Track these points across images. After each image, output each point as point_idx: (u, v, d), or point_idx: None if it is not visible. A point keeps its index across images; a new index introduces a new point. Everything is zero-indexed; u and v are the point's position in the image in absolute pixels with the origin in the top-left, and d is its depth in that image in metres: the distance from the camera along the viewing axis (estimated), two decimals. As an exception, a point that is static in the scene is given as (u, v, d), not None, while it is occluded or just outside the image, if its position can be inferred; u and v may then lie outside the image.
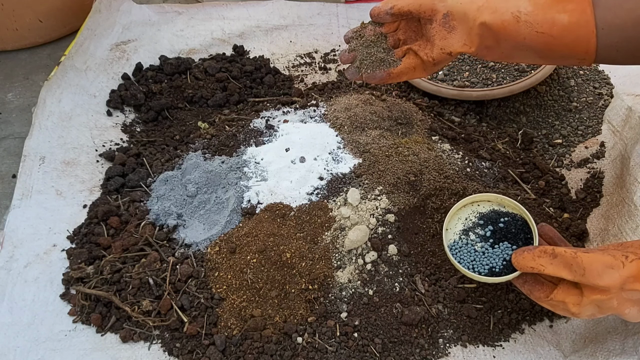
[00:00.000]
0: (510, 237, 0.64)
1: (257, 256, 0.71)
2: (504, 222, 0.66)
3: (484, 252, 0.64)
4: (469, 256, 0.64)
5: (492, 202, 0.69)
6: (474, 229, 0.67)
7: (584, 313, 0.56)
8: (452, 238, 0.66)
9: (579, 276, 0.53)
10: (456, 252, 0.65)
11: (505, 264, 0.62)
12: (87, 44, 1.07)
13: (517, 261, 0.59)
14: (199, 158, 0.86)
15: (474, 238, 0.66)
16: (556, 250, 0.56)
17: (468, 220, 0.67)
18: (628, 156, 0.79)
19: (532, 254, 0.57)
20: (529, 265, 0.57)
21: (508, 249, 0.63)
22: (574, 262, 0.54)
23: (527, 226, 0.65)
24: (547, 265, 0.56)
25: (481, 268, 0.63)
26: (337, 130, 0.86)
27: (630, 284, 0.52)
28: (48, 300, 0.74)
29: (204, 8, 1.21)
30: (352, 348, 0.67)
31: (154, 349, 0.69)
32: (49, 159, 0.89)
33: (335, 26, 1.18)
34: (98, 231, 0.80)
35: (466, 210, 0.69)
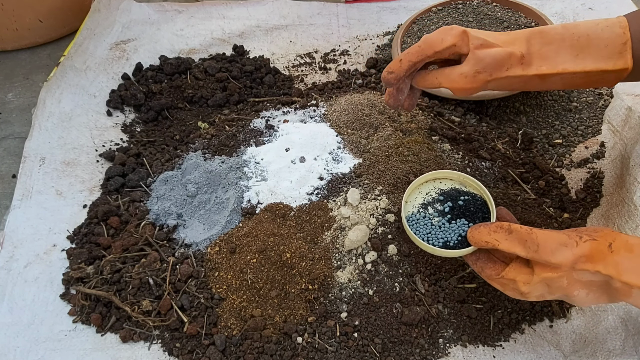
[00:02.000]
0: (468, 214, 0.65)
1: (257, 256, 0.71)
2: (463, 200, 0.67)
3: (441, 226, 0.65)
4: (425, 228, 0.65)
5: (454, 180, 0.70)
6: (433, 203, 0.67)
7: (534, 292, 0.56)
8: (411, 210, 0.67)
9: (532, 252, 0.54)
10: (413, 223, 0.66)
11: (460, 239, 0.63)
12: (86, 44, 1.07)
13: (473, 235, 0.59)
14: (199, 158, 0.86)
15: (432, 212, 0.67)
16: (512, 227, 0.56)
17: (428, 195, 0.69)
18: (628, 156, 0.79)
19: (488, 228, 0.58)
20: (484, 240, 0.58)
21: (465, 226, 0.64)
22: (528, 238, 0.54)
23: (486, 207, 0.66)
24: (502, 240, 0.56)
25: (436, 241, 0.64)
26: (337, 130, 0.86)
27: (581, 263, 0.52)
28: (48, 300, 0.74)
29: (204, 7, 1.21)
30: (352, 348, 0.67)
31: (154, 349, 0.69)
32: (49, 160, 0.89)
33: (335, 26, 1.18)
34: (98, 231, 0.80)
35: (428, 185, 0.70)
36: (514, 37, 0.64)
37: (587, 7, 1.13)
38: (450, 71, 0.64)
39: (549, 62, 0.62)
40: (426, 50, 0.64)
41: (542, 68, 0.62)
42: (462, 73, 0.63)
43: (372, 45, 1.15)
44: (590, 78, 0.62)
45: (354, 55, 1.13)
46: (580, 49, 0.61)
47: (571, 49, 0.61)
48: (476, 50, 0.62)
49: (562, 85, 0.64)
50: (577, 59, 0.61)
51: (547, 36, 0.62)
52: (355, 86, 1.03)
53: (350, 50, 1.13)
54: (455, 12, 1.08)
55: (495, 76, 0.62)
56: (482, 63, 0.62)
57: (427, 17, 1.10)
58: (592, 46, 0.61)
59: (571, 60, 0.61)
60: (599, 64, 0.61)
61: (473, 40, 0.62)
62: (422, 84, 0.67)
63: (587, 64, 0.61)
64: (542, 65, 0.62)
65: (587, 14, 1.12)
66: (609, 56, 0.60)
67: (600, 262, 0.52)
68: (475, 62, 0.62)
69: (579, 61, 0.61)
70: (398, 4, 1.22)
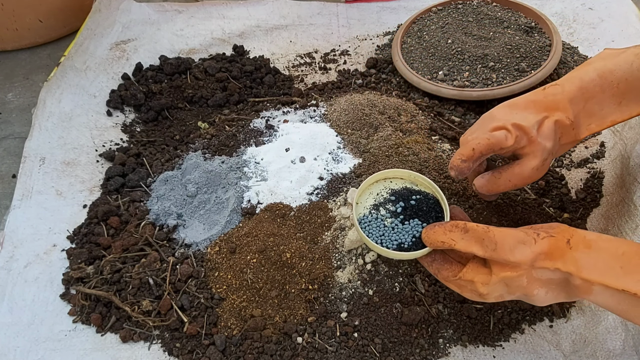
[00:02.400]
0: (421, 214, 0.64)
1: (257, 256, 0.71)
2: (415, 199, 0.66)
3: (394, 227, 0.63)
4: (377, 230, 0.63)
5: (404, 179, 0.69)
6: (385, 204, 0.66)
7: (493, 294, 0.55)
8: (362, 212, 0.65)
9: (490, 251, 0.53)
10: (365, 225, 0.64)
11: (414, 240, 0.61)
12: (86, 44, 1.07)
13: (428, 235, 0.57)
14: (199, 158, 0.86)
15: (384, 213, 0.65)
16: (468, 225, 0.55)
17: (379, 196, 0.67)
18: (628, 156, 0.79)
19: (444, 228, 0.56)
20: (440, 240, 0.56)
21: (418, 226, 0.62)
22: (485, 236, 0.53)
23: (438, 205, 0.65)
24: (458, 239, 0.54)
25: (389, 243, 0.62)
26: (337, 130, 0.86)
27: (541, 261, 0.52)
28: (48, 300, 0.74)
29: (203, 7, 1.21)
30: (352, 348, 0.67)
31: (154, 349, 0.69)
32: (49, 160, 0.89)
33: (335, 26, 1.18)
34: (98, 231, 0.80)
35: (378, 185, 0.68)
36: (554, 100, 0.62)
37: (587, 7, 1.13)
38: (520, 169, 0.63)
39: (595, 119, 0.62)
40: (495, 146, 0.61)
41: (591, 127, 0.62)
42: (534, 167, 0.62)
43: (372, 45, 1.15)
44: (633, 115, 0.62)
45: (354, 55, 1.13)
46: (622, 96, 0.61)
47: (613, 98, 0.61)
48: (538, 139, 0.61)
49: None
50: (622, 107, 0.61)
51: (588, 92, 0.62)
52: (355, 86, 1.03)
53: (350, 50, 1.14)
54: (455, 12, 1.08)
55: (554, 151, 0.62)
56: (547, 151, 0.61)
57: (427, 17, 1.10)
58: (633, 90, 0.60)
59: (616, 110, 0.61)
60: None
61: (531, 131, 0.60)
62: (495, 189, 0.66)
63: (632, 109, 0.61)
64: (591, 124, 0.62)
65: (587, 14, 1.12)
66: None
67: (559, 259, 0.51)
68: (541, 153, 0.61)
69: (624, 108, 0.61)
70: (398, 4, 1.22)
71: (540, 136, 0.61)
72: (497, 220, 0.75)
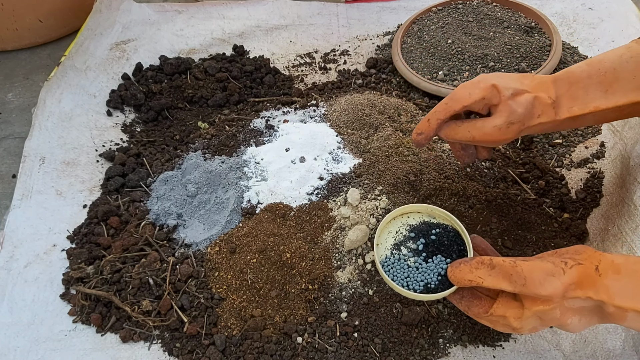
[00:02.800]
0: (443, 249, 0.62)
1: (257, 256, 0.71)
2: (435, 233, 0.64)
3: (418, 267, 0.61)
4: (402, 272, 0.61)
5: (422, 213, 0.66)
6: (405, 242, 0.64)
7: (526, 327, 0.54)
8: (384, 254, 0.63)
9: (519, 286, 0.51)
10: (389, 268, 0.62)
11: (440, 278, 0.59)
12: (87, 44, 1.07)
13: (454, 274, 0.56)
14: (199, 158, 0.86)
15: (406, 252, 0.63)
16: (494, 261, 0.53)
17: (399, 234, 0.65)
18: (628, 156, 0.79)
19: (469, 265, 0.55)
20: (467, 278, 0.54)
21: (442, 263, 0.60)
22: (513, 271, 0.52)
23: (459, 237, 0.63)
24: (485, 277, 0.53)
25: (416, 285, 0.60)
26: (337, 130, 0.86)
27: (571, 291, 0.50)
28: (48, 300, 0.74)
29: (203, 7, 1.21)
30: (352, 348, 0.67)
31: (154, 349, 0.69)
32: (49, 159, 0.89)
33: (335, 26, 1.18)
34: (98, 231, 0.80)
35: (396, 223, 0.66)
36: (540, 82, 0.62)
37: (587, 7, 1.13)
38: (482, 124, 0.62)
39: (579, 102, 0.61)
40: (453, 106, 0.62)
41: (573, 109, 0.61)
42: (496, 126, 0.61)
43: (372, 45, 1.15)
44: (622, 112, 0.61)
45: (354, 55, 1.13)
46: (609, 84, 0.60)
47: (599, 85, 0.60)
48: (509, 101, 0.60)
49: (594, 122, 0.63)
50: (608, 94, 0.60)
51: (573, 76, 0.61)
52: (355, 86, 1.03)
53: (350, 50, 1.14)
54: (455, 12, 1.08)
55: (528, 124, 0.61)
56: (515, 114, 0.60)
57: (427, 17, 1.10)
58: (620, 79, 0.59)
59: (602, 97, 0.60)
60: (629, 96, 0.59)
61: (504, 91, 0.60)
62: (453, 136, 0.64)
63: (618, 99, 0.60)
64: (573, 106, 0.61)
65: (587, 14, 1.12)
66: (638, 87, 0.59)
67: (591, 288, 0.50)
68: (508, 114, 0.60)
69: (610, 96, 0.60)
70: (398, 4, 1.22)
71: (514, 101, 0.60)
72: (497, 220, 0.75)
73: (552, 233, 0.76)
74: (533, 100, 0.61)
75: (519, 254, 0.74)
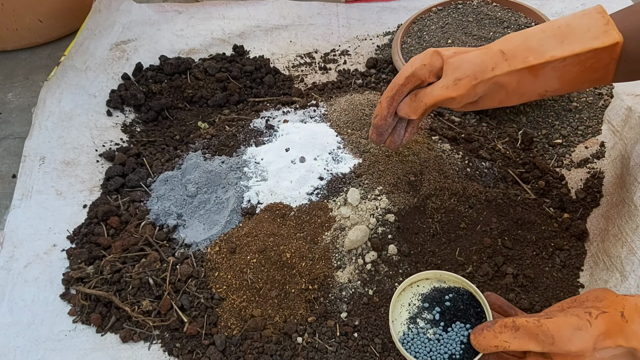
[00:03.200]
0: (460, 315, 0.60)
1: (257, 256, 0.71)
2: (449, 299, 0.61)
3: (439, 338, 0.59)
4: (423, 347, 0.58)
5: (430, 279, 0.64)
6: (420, 314, 0.61)
7: None
8: (401, 330, 0.60)
9: (548, 345, 0.50)
10: (409, 345, 0.59)
11: (464, 347, 0.57)
12: (86, 44, 1.07)
13: (478, 342, 0.54)
14: (199, 158, 0.86)
15: (423, 325, 0.60)
16: (517, 322, 0.52)
17: (412, 306, 0.62)
18: (628, 156, 0.79)
19: (493, 331, 0.53)
20: (492, 345, 0.53)
21: (462, 330, 0.58)
22: (539, 331, 0.50)
23: (474, 299, 0.61)
24: (511, 340, 0.51)
25: (441, 358, 0.57)
26: (337, 130, 0.86)
27: (601, 342, 0.49)
28: (48, 300, 0.74)
29: (203, 7, 1.21)
30: (352, 348, 0.67)
31: (154, 349, 0.69)
32: (49, 159, 0.89)
33: (335, 26, 1.18)
34: (98, 231, 0.80)
35: (406, 294, 0.63)
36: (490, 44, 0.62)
37: (587, 7, 1.13)
38: (431, 89, 0.62)
39: (534, 52, 0.59)
40: (398, 81, 0.63)
41: (529, 59, 0.59)
42: (443, 85, 0.61)
43: (372, 45, 1.15)
44: (585, 65, 0.59)
45: (354, 55, 1.13)
46: (564, 37, 0.59)
47: (554, 38, 0.59)
48: (451, 59, 0.60)
49: (559, 84, 0.61)
50: (564, 44, 0.59)
51: (526, 32, 0.61)
52: (355, 86, 1.03)
53: (350, 50, 1.14)
54: (455, 12, 1.08)
55: (482, 78, 0.60)
56: (461, 69, 0.60)
57: (427, 17, 1.10)
58: (575, 32, 0.58)
59: (557, 47, 0.59)
60: (587, 44, 0.58)
61: (444, 52, 0.61)
62: (409, 111, 0.64)
63: (575, 47, 0.58)
64: (529, 56, 0.59)
65: (587, 14, 1.12)
66: (595, 36, 0.58)
67: (620, 335, 0.49)
68: (452, 70, 0.60)
69: (566, 46, 0.58)
70: (398, 4, 1.22)
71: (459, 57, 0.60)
72: (497, 220, 0.75)
73: (552, 233, 0.76)
74: (482, 55, 0.60)
75: (519, 254, 0.74)
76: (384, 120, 0.66)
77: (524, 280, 0.72)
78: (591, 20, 0.59)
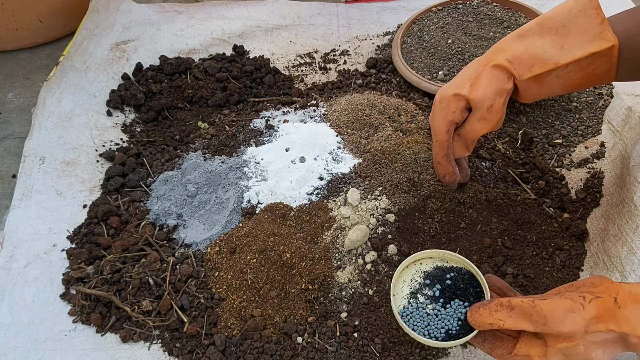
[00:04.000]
0: (460, 293, 0.62)
1: (257, 256, 0.71)
2: (450, 278, 0.63)
3: (437, 314, 0.61)
4: (422, 321, 0.60)
5: (434, 258, 0.66)
6: (421, 290, 0.63)
7: None
8: (401, 303, 0.62)
9: (541, 326, 0.51)
10: (408, 318, 0.61)
11: (460, 323, 0.59)
12: (86, 44, 1.07)
13: (474, 319, 0.56)
14: (199, 158, 0.86)
15: (423, 300, 0.62)
16: (512, 302, 0.53)
17: (414, 282, 0.64)
18: (628, 156, 0.79)
19: (488, 309, 0.55)
20: (487, 322, 0.54)
21: (461, 307, 0.60)
22: (533, 311, 0.52)
23: (474, 279, 0.63)
24: (505, 319, 0.53)
25: (437, 332, 0.59)
26: (337, 130, 0.86)
27: (593, 325, 0.50)
28: (48, 300, 0.74)
29: (203, 7, 1.21)
30: (352, 348, 0.67)
31: (154, 349, 0.69)
32: (49, 159, 0.89)
33: (335, 26, 1.18)
34: (98, 231, 0.80)
35: (409, 271, 0.65)
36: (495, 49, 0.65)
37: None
38: (469, 125, 0.67)
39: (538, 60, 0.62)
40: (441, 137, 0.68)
41: (534, 68, 0.62)
42: (478, 118, 0.65)
43: (372, 45, 1.15)
44: (586, 69, 0.62)
45: (354, 55, 1.13)
46: (562, 41, 0.61)
47: (553, 44, 0.62)
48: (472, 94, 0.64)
49: (561, 89, 0.64)
50: (564, 50, 0.61)
51: (526, 39, 0.63)
52: (355, 86, 1.03)
53: (350, 50, 1.14)
54: (455, 12, 1.08)
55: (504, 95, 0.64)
56: (485, 98, 0.64)
57: (427, 17, 1.10)
58: (572, 35, 0.61)
59: (558, 54, 0.62)
60: (585, 48, 0.61)
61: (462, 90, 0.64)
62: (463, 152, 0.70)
63: (575, 53, 0.61)
64: (534, 65, 0.62)
65: (587, 14, 1.11)
66: (591, 40, 0.60)
67: (612, 320, 0.50)
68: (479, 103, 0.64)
69: (566, 52, 0.61)
70: (398, 4, 1.22)
71: (477, 86, 0.64)
72: (497, 220, 0.75)
73: (552, 233, 0.76)
74: (492, 72, 0.63)
75: (519, 254, 0.74)
76: (454, 175, 0.72)
77: (524, 280, 0.72)
78: (587, 19, 0.60)
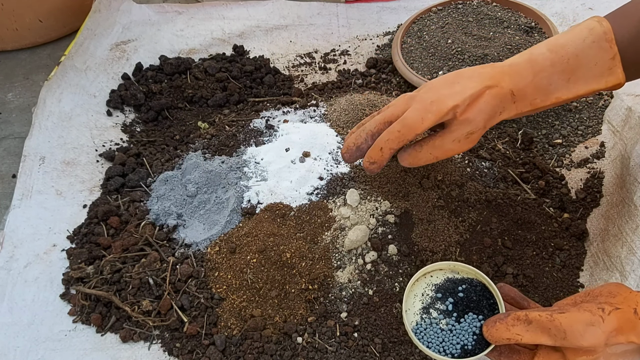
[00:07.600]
0: (473, 306, 0.60)
1: (257, 256, 0.71)
2: (462, 290, 0.62)
3: (451, 329, 0.59)
4: (436, 337, 0.59)
5: (444, 270, 0.65)
6: (433, 304, 0.62)
7: None
8: (414, 320, 0.61)
9: (560, 340, 0.50)
10: (422, 335, 0.60)
11: (476, 338, 0.58)
12: (87, 44, 1.07)
13: (490, 334, 0.55)
14: (199, 158, 0.86)
15: (436, 315, 0.61)
16: (530, 316, 0.52)
17: (425, 296, 0.62)
18: (628, 156, 0.79)
19: (505, 323, 0.53)
20: (504, 337, 0.53)
21: (475, 321, 0.59)
22: (552, 325, 0.51)
23: (487, 290, 0.61)
24: (523, 333, 0.52)
25: (453, 348, 0.58)
26: (337, 130, 0.86)
27: (613, 338, 0.49)
28: (48, 300, 0.74)
29: (204, 8, 1.21)
30: (352, 348, 0.67)
31: (154, 349, 0.69)
32: (49, 159, 0.89)
33: (335, 26, 1.18)
34: (98, 231, 0.80)
35: (420, 284, 0.64)
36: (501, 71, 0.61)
37: (587, 7, 1.13)
38: (441, 142, 0.61)
39: (541, 94, 0.60)
40: (407, 135, 0.60)
41: (536, 101, 0.60)
42: (455, 139, 0.60)
43: (372, 45, 1.15)
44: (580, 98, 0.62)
45: (354, 55, 1.13)
46: (572, 72, 0.59)
47: (562, 74, 0.60)
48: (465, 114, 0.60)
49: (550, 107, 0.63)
50: (569, 84, 0.60)
51: (537, 65, 0.60)
52: (355, 86, 1.03)
53: (350, 50, 1.14)
54: (455, 12, 1.08)
55: (490, 125, 0.61)
56: (474, 123, 0.60)
57: (427, 17, 1.10)
58: (582, 66, 0.59)
59: (564, 87, 0.60)
60: (590, 85, 0.59)
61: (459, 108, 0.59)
62: (416, 163, 0.64)
63: (579, 88, 0.59)
64: (536, 98, 0.60)
65: (587, 14, 1.12)
66: (600, 74, 0.59)
67: (632, 332, 0.49)
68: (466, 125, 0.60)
69: (571, 86, 0.60)
70: (398, 4, 1.22)
71: (472, 109, 0.59)
72: (497, 220, 0.75)
73: (552, 233, 0.76)
74: (492, 100, 0.60)
75: (519, 254, 0.74)
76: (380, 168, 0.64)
77: (524, 280, 0.72)
78: (600, 52, 0.58)
